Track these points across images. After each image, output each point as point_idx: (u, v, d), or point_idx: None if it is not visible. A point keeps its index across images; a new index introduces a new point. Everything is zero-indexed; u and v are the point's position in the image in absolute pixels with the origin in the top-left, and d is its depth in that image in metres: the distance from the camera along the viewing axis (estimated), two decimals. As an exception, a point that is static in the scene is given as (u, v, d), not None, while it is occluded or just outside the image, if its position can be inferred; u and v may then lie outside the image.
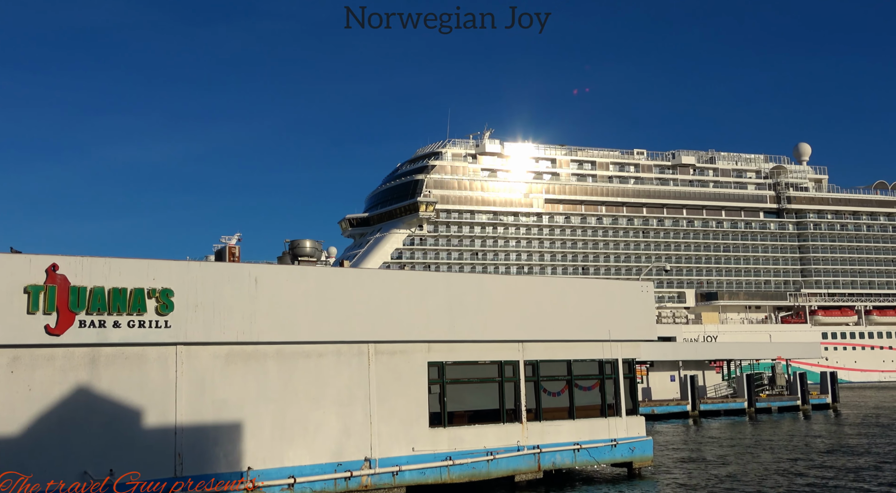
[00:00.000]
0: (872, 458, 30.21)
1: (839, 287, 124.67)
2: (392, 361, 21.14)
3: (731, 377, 63.82)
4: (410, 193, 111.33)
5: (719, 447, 35.53)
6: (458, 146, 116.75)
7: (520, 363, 23.34)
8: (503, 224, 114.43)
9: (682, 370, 58.69)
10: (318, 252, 24.89)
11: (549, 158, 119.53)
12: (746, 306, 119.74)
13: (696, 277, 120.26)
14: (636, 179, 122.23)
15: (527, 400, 23.30)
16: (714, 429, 45.34)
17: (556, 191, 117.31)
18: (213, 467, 18.25)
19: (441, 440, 21.48)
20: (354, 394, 20.43)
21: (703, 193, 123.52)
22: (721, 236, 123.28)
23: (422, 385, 21.50)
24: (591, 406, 24.67)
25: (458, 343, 22.26)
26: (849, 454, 31.58)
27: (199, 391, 18.41)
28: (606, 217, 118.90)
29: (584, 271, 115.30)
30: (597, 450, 24.19)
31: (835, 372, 64.40)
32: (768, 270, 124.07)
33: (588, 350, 24.65)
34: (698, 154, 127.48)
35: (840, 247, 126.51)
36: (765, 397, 58.88)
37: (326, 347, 20.22)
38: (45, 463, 16.48)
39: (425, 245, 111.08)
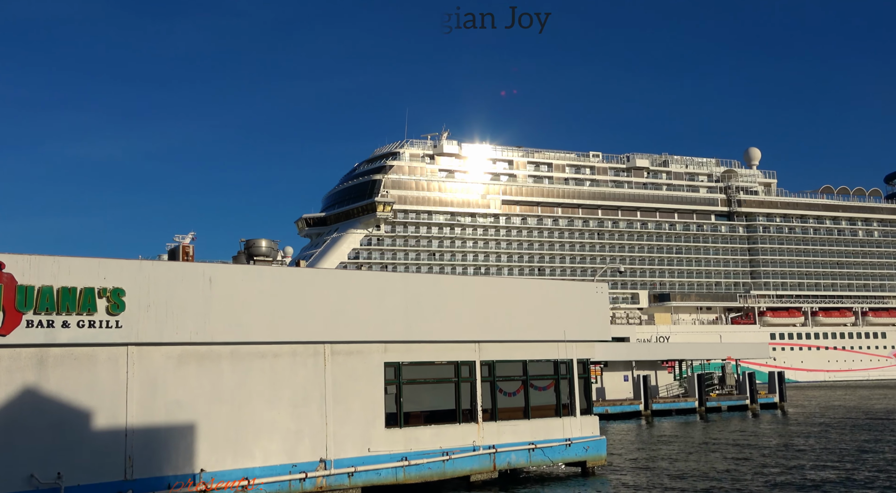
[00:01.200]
0: (816, 457, 31.06)
1: (787, 289, 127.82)
2: (348, 361, 21.06)
3: (682, 377, 64.95)
4: (368, 193, 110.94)
5: (670, 446, 36.17)
6: (415, 147, 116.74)
7: (476, 364, 23.45)
8: (460, 225, 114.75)
9: (635, 370, 59.55)
10: (274, 252, 24.66)
11: (506, 160, 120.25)
12: (698, 307, 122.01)
13: (649, 278, 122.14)
14: (591, 181, 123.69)
15: (483, 400, 23.42)
16: (666, 428, 46.12)
17: (513, 192, 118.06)
18: (165, 469, 17.96)
19: (397, 440, 21.48)
20: (310, 395, 20.30)
21: (656, 196, 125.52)
22: (674, 239, 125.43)
23: (378, 386, 21.47)
24: (546, 406, 24.91)
25: (415, 344, 22.28)
26: (794, 453, 32.42)
27: (150, 393, 18.11)
28: (562, 218, 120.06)
29: (541, 271, 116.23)
30: (551, 450, 24.43)
31: (782, 372, 65.97)
32: (719, 271, 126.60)
33: (543, 351, 24.88)
34: (652, 157, 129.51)
35: (788, 250, 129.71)
36: (715, 397, 60.06)
37: (282, 347, 20.06)
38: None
39: (382, 245, 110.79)
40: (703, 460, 30.39)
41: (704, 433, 42.99)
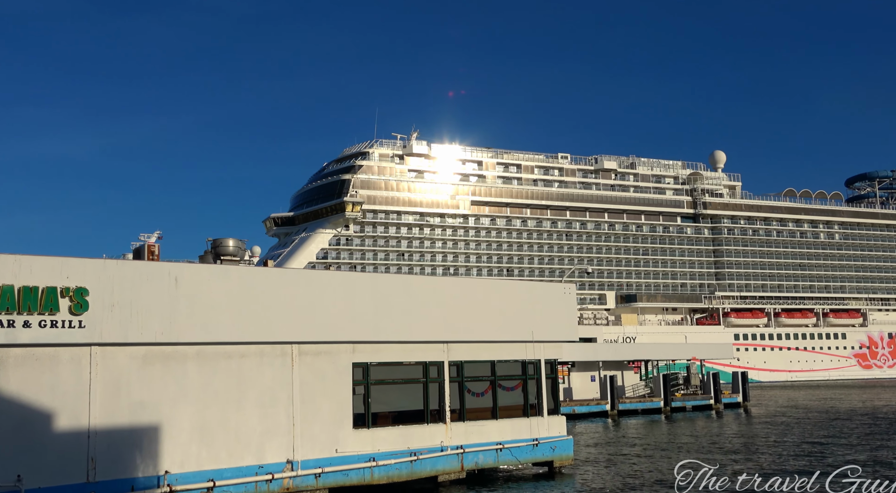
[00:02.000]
0: (777, 455, 31.61)
1: (751, 290, 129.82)
2: (316, 362, 20.96)
3: (648, 377, 65.64)
4: (337, 192, 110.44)
5: (636, 446, 36.54)
6: (385, 147, 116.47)
7: (444, 364, 23.47)
8: (430, 225, 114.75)
9: (602, 371, 60.04)
10: (242, 251, 24.46)
11: (475, 161, 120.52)
12: (664, 307, 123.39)
13: (616, 279, 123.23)
14: (560, 182, 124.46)
15: (451, 401, 23.46)
16: (632, 428, 46.58)
17: (482, 193, 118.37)
18: (129, 471, 17.71)
19: (365, 441, 21.42)
20: (277, 395, 20.16)
21: (623, 198, 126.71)
22: (640, 240, 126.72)
23: (346, 386, 21.39)
24: (514, 406, 25.02)
25: (384, 344, 22.25)
26: (757, 452, 32.95)
27: (114, 394, 17.85)
28: (531, 220, 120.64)
29: (509, 272, 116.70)
30: (519, 450, 24.55)
31: (746, 372, 67.01)
32: (685, 273, 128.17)
33: (511, 351, 24.99)
34: (620, 159, 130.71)
35: (752, 251, 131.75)
36: (680, 397, 60.79)
37: (249, 348, 19.90)
38: (-53, 470, 15.70)
39: (351, 245, 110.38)
40: (667, 459, 30.74)
41: (669, 432, 43.51)
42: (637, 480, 25.32)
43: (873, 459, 29.48)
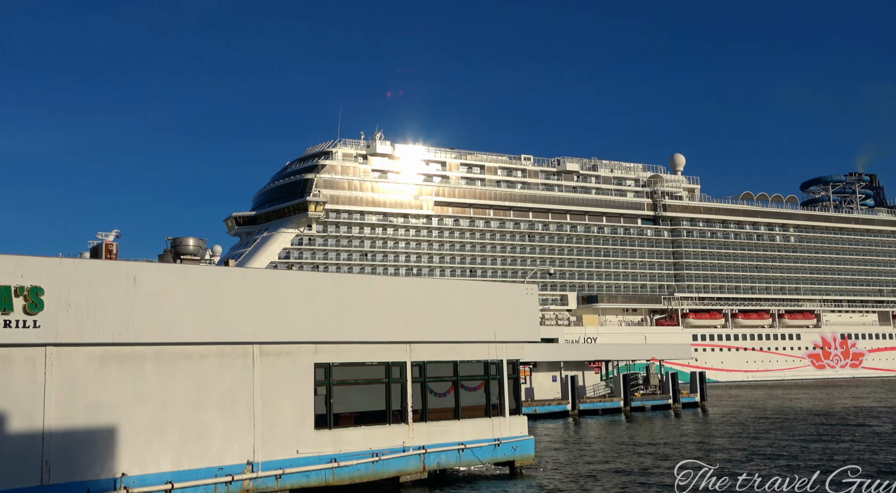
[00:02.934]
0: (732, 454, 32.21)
1: (709, 291, 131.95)
2: (277, 362, 20.81)
3: (608, 377, 66.32)
4: (300, 192, 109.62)
5: (596, 445, 36.93)
6: (348, 146, 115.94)
7: (407, 365, 23.48)
8: (393, 225, 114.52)
9: (563, 371, 60.50)
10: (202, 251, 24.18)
11: (439, 161, 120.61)
12: (624, 308, 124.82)
13: (578, 280, 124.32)
14: (523, 183, 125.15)
15: (413, 401, 23.47)
16: (592, 428, 47.05)
17: (446, 194, 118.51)
18: (84, 474, 17.40)
19: (326, 441, 21.33)
20: (238, 396, 19.98)
21: (585, 199, 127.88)
22: (602, 241, 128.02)
23: (308, 387, 21.27)
24: (476, 407, 25.12)
25: (346, 344, 22.18)
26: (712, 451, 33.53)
27: (70, 395, 17.52)
28: (494, 220, 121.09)
29: (472, 273, 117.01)
30: (481, 450, 24.65)
31: (703, 372, 68.05)
32: (645, 274, 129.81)
33: (474, 351, 25.08)
34: (582, 161, 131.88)
35: (710, 253, 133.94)
36: (639, 397, 61.52)
37: (209, 348, 19.68)
38: None
39: (314, 245, 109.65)
40: (626, 458, 31.13)
41: (629, 432, 44.05)
42: (599, 480, 25.60)
43: (828, 457, 30.20)
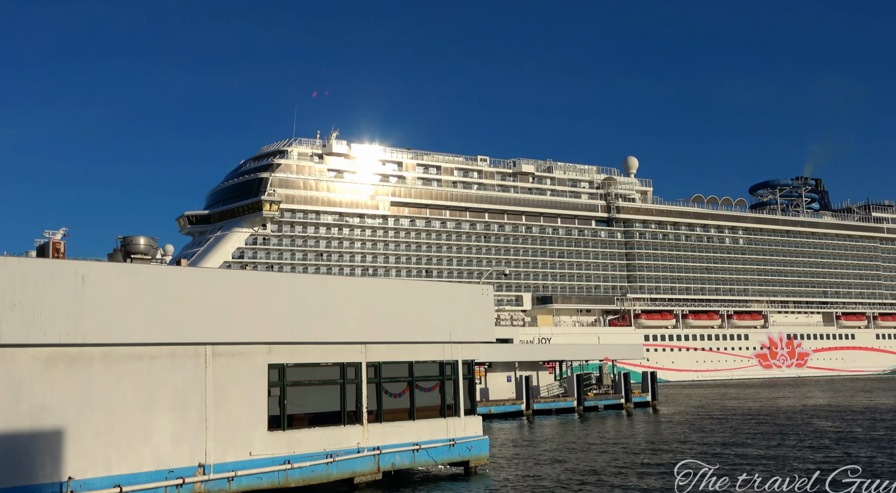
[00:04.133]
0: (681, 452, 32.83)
1: (660, 293, 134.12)
2: (231, 363, 20.56)
3: (562, 377, 66.96)
4: (254, 191, 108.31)
5: (549, 444, 37.28)
6: (304, 145, 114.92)
7: (362, 365, 23.40)
8: (349, 225, 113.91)
9: (518, 371, 60.90)
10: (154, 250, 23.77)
11: (395, 161, 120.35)
12: (578, 309, 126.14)
13: (532, 281, 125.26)
14: (479, 184, 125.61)
15: (368, 402, 23.40)
16: (546, 427, 47.46)
17: (402, 194, 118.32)
18: (29, 478, 16.96)
19: (280, 443, 21.14)
20: (189, 398, 19.69)
21: (540, 201, 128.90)
22: (557, 243, 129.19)
23: (261, 388, 21.06)
24: (431, 407, 25.15)
25: (300, 345, 22.01)
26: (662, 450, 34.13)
27: (14, 397, 17.07)
28: (450, 221, 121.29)
29: (428, 273, 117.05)
30: (435, 450, 24.69)
31: (655, 372, 69.15)
32: (598, 275, 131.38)
33: (429, 352, 25.11)
34: (537, 163, 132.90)
35: (662, 255, 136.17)
36: (592, 396, 62.25)
37: (160, 349, 19.36)
38: None
39: (268, 245, 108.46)
40: (579, 458, 31.50)
41: (582, 431, 44.56)
42: (553, 479, 25.85)
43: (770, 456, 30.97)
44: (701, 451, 32.40)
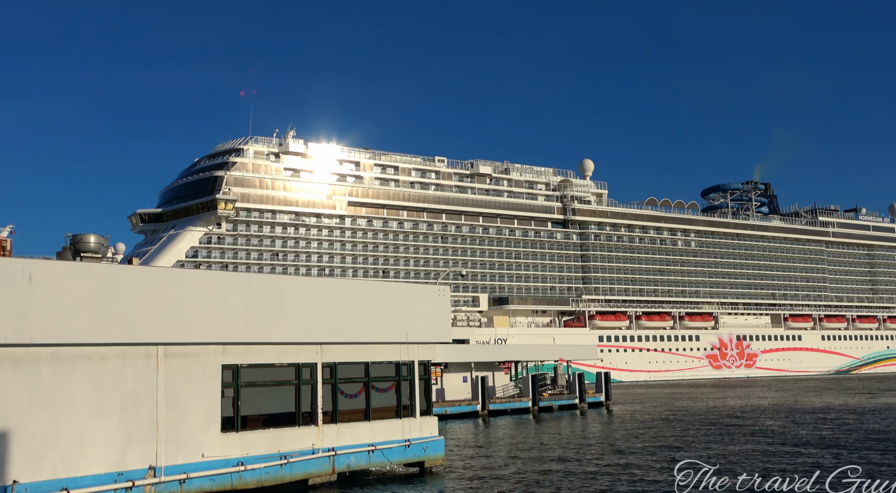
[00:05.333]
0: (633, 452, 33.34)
1: (615, 294, 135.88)
2: (183, 363, 20.26)
3: (518, 378, 67.39)
4: (209, 189, 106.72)
5: (504, 444, 37.52)
6: (260, 144, 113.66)
7: (318, 366, 23.26)
8: (305, 225, 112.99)
9: (473, 372, 61.12)
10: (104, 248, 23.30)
11: (353, 161, 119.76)
12: (534, 310, 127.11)
13: (489, 282, 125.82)
14: (437, 185, 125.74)
15: (324, 403, 23.28)
16: (501, 428, 47.73)
17: (360, 194, 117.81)
18: (-28, 482, 16.49)
19: (233, 445, 20.91)
20: (140, 399, 19.35)
21: (498, 202, 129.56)
22: (513, 244, 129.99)
23: (215, 389, 20.81)
24: (387, 408, 25.12)
25: (255, 345, 21.80)
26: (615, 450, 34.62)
27: (-44, 399, 16.57)
28: (407, 222, 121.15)
29: (385, 273, 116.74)
30: (391, 451, 24.67)
31: (608, 373, 70.00)
32: (554, 276, 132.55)
33: (386, 352, 25.08)
34: (494, 165, 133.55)
35: (616, 257, 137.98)
36: (547, 397, 62.77)
37: (110, 349, 18.99)
38: None
39: (223, 244, 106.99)
40: (533, 458, 31.76)
41: (537, 431, 44.93)
42: (506, 479, 26.02)
43: (716, 455, 31.64)
44: (651, 451, 32.94)
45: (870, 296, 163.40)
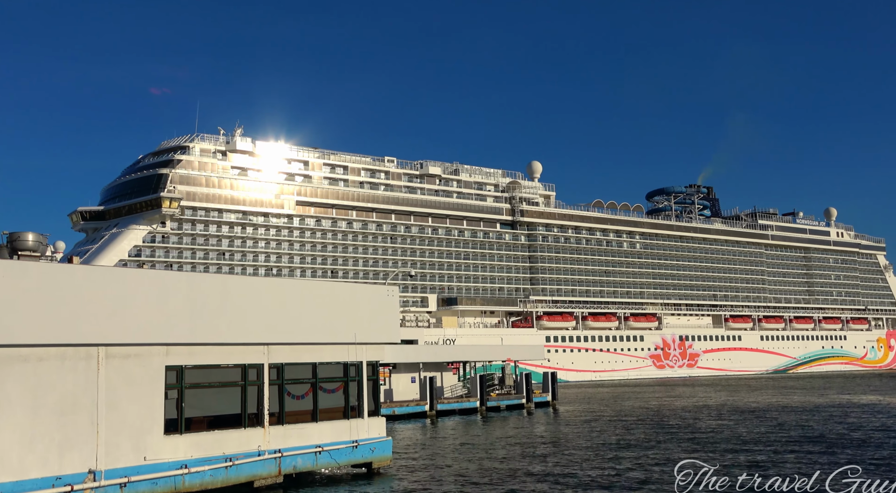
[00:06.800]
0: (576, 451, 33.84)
1: (562, 295, 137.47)
2: (125, 365, 19.85)
3: (466, 378, 67.67)
4: (153, 187, 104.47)
5: (450, 444, 37.67)
6: (207, 142, 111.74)
7: (264, 366, 23.04)
8: (252, 225, 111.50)
9: (422, 372, 61.17)
10: (43, 247, 22.68)
11: (301, 160, 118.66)
12: (482, 310, 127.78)
13: (438, 282, 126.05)
14: (386, 185, 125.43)
15: (270, 404, 23.06)
16: (449, 428, 47.90)
17: (308, 193, 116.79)
18: None
19: (177, 447, 20.56)
20: (80, 401, 18.89)
21: (447, 203, 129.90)
22: (462, 245, 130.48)
23: (158, 390, 20.44)
24: (335, 409, 25.01)
25: (200, 346, 21.48)
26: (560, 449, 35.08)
27: None
28: (356, 222, 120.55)
29: (333, 274, 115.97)
30: (338, 452, 24.57)
31: (555, 373, 70.81)
32: (503, 277, 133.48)
33: (334, 353, 24.97)
34: (444, 165, 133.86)
35: (563, 258, 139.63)
36: (495, 397, 63.21)
37: (48, 350, 18.50)
38: None
39: (168, 243, 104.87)
40: (480, 457, 31.97)
41: (484, 431, 45.21)
42: (453, 479, 26.14)
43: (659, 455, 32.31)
44: (595, 449, 33.47)
45: (806, 297, 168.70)
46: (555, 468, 27.99)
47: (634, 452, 31.94)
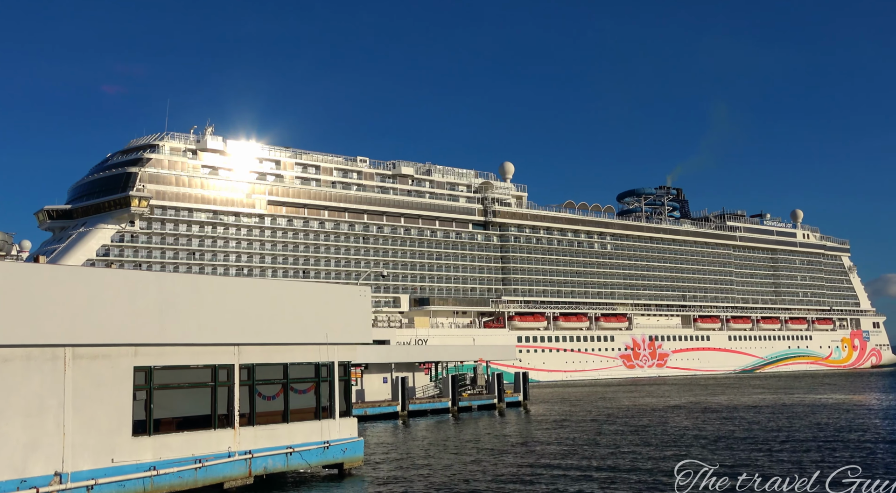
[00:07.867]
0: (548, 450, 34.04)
1: (533, 295, 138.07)
2: (93, 366, 19.59)
3: (438, 378, 67.72)
4: (122, 186, 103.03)
5: (422, 444, 37.68)
6: (177, 140, 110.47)
7: (235, 367, 22.87)
8: (223, 224, 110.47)
9: (394, 372, 61.09)
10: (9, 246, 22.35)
11: (273, 160, 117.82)
12: (454, 311, 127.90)
13: (410, 283, 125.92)
14: (358, 185, 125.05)
15: (241, 405, 22.90)
16: (421, 429, 47.91)
17: (280, 193, 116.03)
18: None
19: (145, 449, 20.34)
20: (46, 403, 18.61)
21: (420, 203, 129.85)
22: (435, 245, 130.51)
23: (126, 391, 20.20)
24: (306, 409, 24.90)
25: (169, 347, 21.28)
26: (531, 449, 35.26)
27: None
28: (328, 221, 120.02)
29: (305, 274, 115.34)
30: (309, 453, 24.46)
31: (527, 373, 71.13)
32: (475, 278, 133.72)
33: (305, 353, 24.86)
34: (417, 166, 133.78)
35: (535, 259, 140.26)
36: (467, 397, 63.34)
37: (13, 351, 18.20)
38: None
39: (137, 243, 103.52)
40: (451, 458, 32.02)
41: (456, 432, 45.29)
42: (425, 480, 26.15)
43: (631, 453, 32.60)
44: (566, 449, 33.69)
45: (773, 298, 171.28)
46: (524, 468, 28.14)
47: (604, 450, 32.21)
